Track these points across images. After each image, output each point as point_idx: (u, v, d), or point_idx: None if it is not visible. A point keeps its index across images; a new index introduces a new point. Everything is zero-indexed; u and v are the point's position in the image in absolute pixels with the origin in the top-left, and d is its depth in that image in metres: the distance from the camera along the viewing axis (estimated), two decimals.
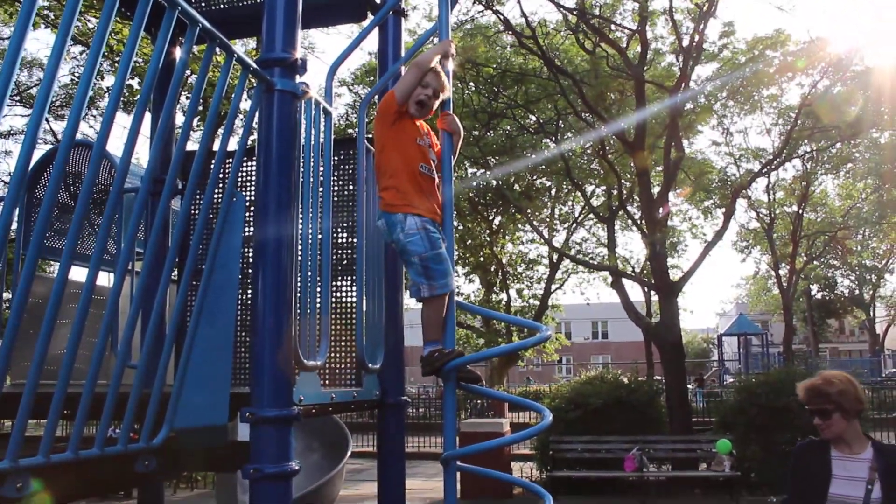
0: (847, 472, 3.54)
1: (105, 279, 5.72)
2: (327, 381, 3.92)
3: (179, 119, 9.68)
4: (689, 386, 17.46)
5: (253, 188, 4.01)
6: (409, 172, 3.38)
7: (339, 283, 4.10)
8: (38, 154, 6.24)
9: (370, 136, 4.10)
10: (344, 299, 4.15)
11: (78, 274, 5.70)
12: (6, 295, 5.80)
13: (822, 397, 3.59)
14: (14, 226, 5.69)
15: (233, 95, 3.07)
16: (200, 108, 12.21)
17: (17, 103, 19.92)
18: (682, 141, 16.82)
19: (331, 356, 3.90)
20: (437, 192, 3.48)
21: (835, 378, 3.67)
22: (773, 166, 22.22)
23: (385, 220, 3.39)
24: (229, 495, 7.17)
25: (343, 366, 4.00)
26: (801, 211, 28.88)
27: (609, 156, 18.39)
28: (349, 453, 8.38)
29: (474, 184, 20.91)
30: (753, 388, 12.97)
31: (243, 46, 17.02)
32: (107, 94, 16.54)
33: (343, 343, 3.93)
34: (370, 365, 3.74)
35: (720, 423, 13.35)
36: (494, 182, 20.01)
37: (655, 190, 16.16)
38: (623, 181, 19.16)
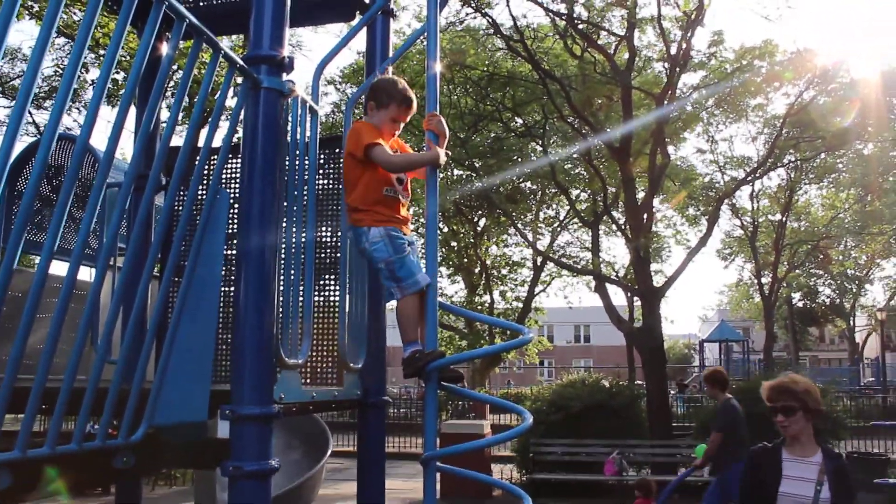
0: (797, 473, 3.74)
1: (86, 274, 5.68)
2: (308, 380, 3.91)
3: (164, 114, 9.64)
4: (671, 391, 17.54)
5: (237, 185, 4.00)
6: (373, 199, 3.46)
7: (322, 282, 4.09)
8: (20, 147, 6.19)
9: None
10: (327, 298, 4.14)
11: (59, 268, 5.66)
12: None
13: (789, 394, 3.77)
14: None
15: (219, 92, 3.06)
16: (186, 103, 12.15)
17: (0, 94, 19.73)
18: (668, 147, 16.91)
19: (312, 355, 3.89)
20: (403, 208, 3.56)
21: (799, 379, 3.92)
22: (757, 175, 22.37)
23: (353, 232, 3.53)
24: (208, 493, 7.14)
25: (325, 365, 3.99)
26: (784, 219, 29.09)
27: (595, 161, 18.45)
28: (329, 452, 8.37)
29: (459, 188, 20.92)
30: (734, 394, 13.04)
31: (230, 43, 16.96)
32: (91, 87, 16.42)
33: (325, 342, 3.93)
34: (352, 364, 3.73)
35: (700, 429, 13.43)
36: (479, 184, 20.05)
37: (640, 195, 16.24)
38: (608, 186, 19.23)
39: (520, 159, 20.22)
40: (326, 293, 4.14)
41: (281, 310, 3.05)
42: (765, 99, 21.58)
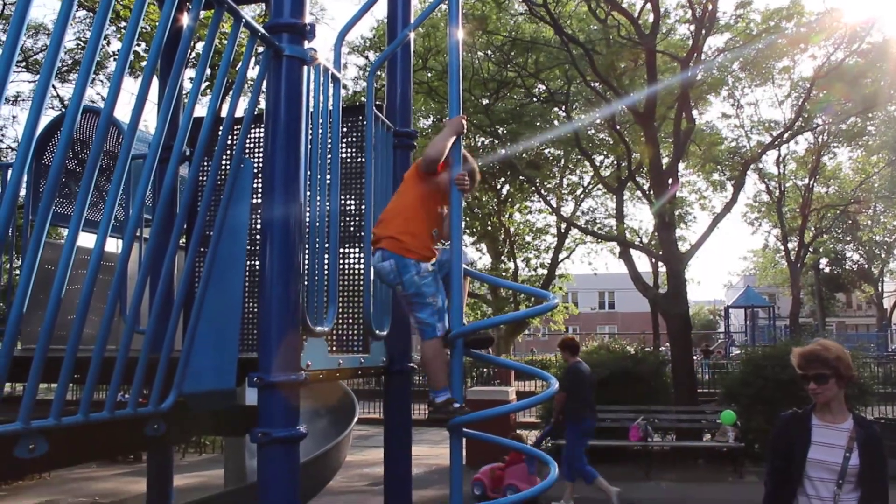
0: (826, 440, 3.71)
1: (113, 245, 5.75)
2: (334, 348, 3.95)
3: (187, 86, 9.65)
4: (696, 357, 17.51)
5: (261, 155, 4.01)
6: (427, 230, 3.51)
7: (347, 251, 4.10)
8: (45, 120, 6.24)
9: (379, 103, 4.08)
10: (352, 266, 4.16)
11: (87, 240, 5.72)
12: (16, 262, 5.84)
13: (820, 362, 3.73)
14: (22, 192, 5.72)
15: (241, 62, 3.06)
16: (208, 74, 12.17)
17: (24, 69, 19.85)
18: (693, 112, 16.68)
19: (339, 323, 3.92)
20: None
21: (831, 345, 3.84)
22: (784, 138, 22.02)
23: (395, 262, 3.41)
24: (237, 460, 7.25)
25: (351, 332, 4.02)
26: (811, 184, 28.66)
27: (619, 126, 18.26)
28: (356, 419, 8.45)
29: (483, 154, 20.78)
30: (759, 360, 13.02)
31: (251, 13, 16.90)
32: (113, 60, 16.46)
33: (351, 310, 3.95)
34: (377, 332, 3.76)
35: (725, 395, 13.41)
36: (502, 151, 19.92)
37: (665, 161, 16.07)
38: (633, 152, 19.05)
39: (543, 125, 20.04)
40: (352, 262, 4.16)
41: (306, 278, 3.06)
42: (791, 61, 21.19)
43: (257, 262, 3.11)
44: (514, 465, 9.82)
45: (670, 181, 15.45)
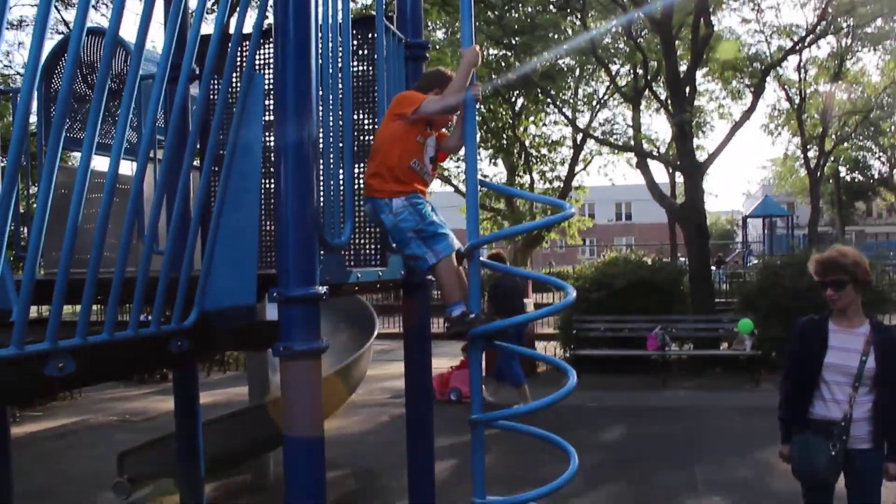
0: (843, 344, 3.75)
1: (127, 168, 5.74)
2: (353, 263, 3.97)
3: (192, 4, 9.42)
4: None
5: (271, 72, 3.95)
6: (399, 167, 3.40)
7: (362, 167, 4.08)
8: (50, 45, 6.16)
9: (391, 14, 3.99)
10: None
11: (100, 164, 5.72)
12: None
13: (838, 268, 3.75)
14: (34, 119, 5.70)
15: None
16: None
17: None
18: (712, 18, 16.21)
19: (356, 237, 3.93)
20: (425, 187, 3.51)
21: (848, 251, 3.85)
22: (806, 43, 21.39)
23: (372, 205, 3.46)
24: (260, 376, 7.42)
25: (369, 246, 4.03)
26: (833, 90, 27.93)
27: (635, 34, 17.79)
28: (376, 333, 8.59)
29: (496, 69, 20.33)
30: (777, 268, 13.02)
31: None
32: None
33: (368, 225, 3.95)
34: (394, 245, 3.77)
35: (743, 304, 13.46)
36: (517, 62, 19.49)
37: (683, 69, 15.73)
38: (649, 60, 18.60)
39: (556, 36, 19.55)
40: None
41: (322, 193, 3.06)
42: None
43: (272, 182, 3.10)
44: (460, 370, 10.82)
45: (688, 89, 15.15)
